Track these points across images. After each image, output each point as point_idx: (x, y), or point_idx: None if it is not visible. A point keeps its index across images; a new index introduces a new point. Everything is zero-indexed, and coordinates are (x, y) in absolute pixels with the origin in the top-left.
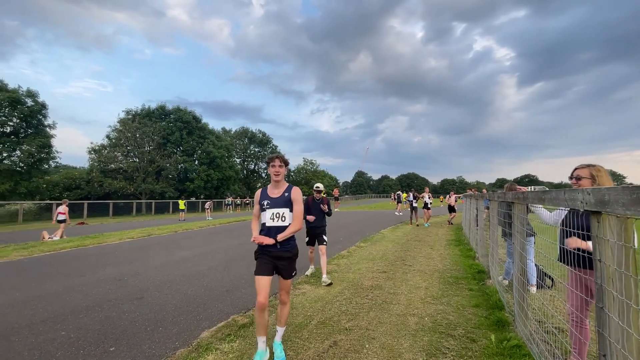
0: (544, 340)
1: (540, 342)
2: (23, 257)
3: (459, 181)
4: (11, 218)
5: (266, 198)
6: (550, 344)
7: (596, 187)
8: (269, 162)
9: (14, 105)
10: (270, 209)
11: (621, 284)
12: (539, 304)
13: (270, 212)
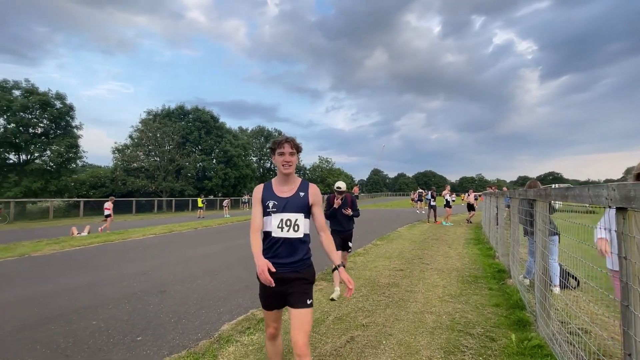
0: (568, 341)
1: (563, 343)
2: (55, 251)
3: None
4: (42, 215)
5: (272, 197)
6: (574, 345)
7: (621, 182)
8: (275, 148)
9: (44, 108)
10: (279, 214)
11: None
12: (562, 305)
13: (278, 217)
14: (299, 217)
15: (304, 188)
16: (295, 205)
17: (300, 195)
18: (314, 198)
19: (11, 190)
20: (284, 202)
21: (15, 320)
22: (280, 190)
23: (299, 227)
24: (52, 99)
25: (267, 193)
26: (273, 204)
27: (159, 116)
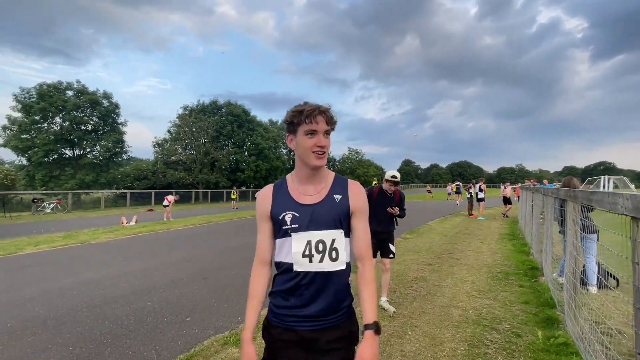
0: (599, 341)
1: (594, 342)
2: (110, 239)
3: (518, 169)
4: (94, 204)
5: (289, 206)
6: (605, 345)
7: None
8: (299, 123)
9: (93, 106)
10: (303, 233)
11: None
12: (598, 304)
13: (302, 239)
14: (336, 235)
15: (341, 187)
16: (329, 217)
17: (336, 200)
18: (358, 203)
19: (68, 183)
20: (310, 211)
21: (85, 299)
22: (303, 192)
23: (338, 252)
24: (100, 98)
25: (280, 199)
26: (292, 217)
27: (194, 111)
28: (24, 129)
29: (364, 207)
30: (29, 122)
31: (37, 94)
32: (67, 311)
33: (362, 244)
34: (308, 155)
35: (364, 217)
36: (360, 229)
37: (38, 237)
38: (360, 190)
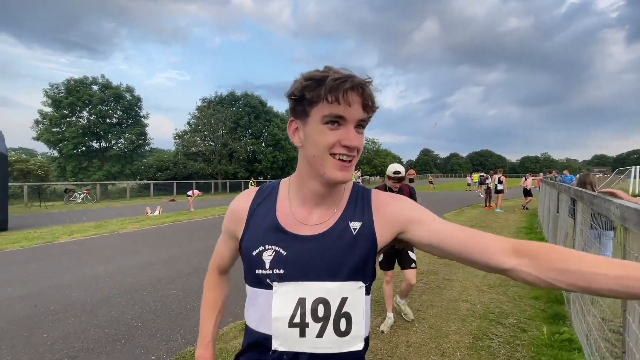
0: (605, 338)
1: (599, 340)
2: (136, 229)
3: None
4: (120, 194)
5: (272, 239)
6: (612, 342)
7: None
8: (314, 101)
9: (117, 100)
10: (292, 284)
11: None
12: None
13: (291, 294)
14: (350, 291)
15: (361, 206)
16: (339, 259)
17: (353, 230)
18: (397, 221)
19: (96, 174)
20: (309, 250)
21: (117, 286)
22: (302, 219)
23: (351, 320)
24: (123, 92)
25: (259, 223)
26: (275, 257)
27: (212, 103)
28: (54, 123)
29: (419, 213)
30: (58, 117)
31: (65, 89)
32: (102, 297)
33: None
34: (324, 161)
35: (432, 219)
36: (449, 226)
37: (72, 226)
38: (398, 199)
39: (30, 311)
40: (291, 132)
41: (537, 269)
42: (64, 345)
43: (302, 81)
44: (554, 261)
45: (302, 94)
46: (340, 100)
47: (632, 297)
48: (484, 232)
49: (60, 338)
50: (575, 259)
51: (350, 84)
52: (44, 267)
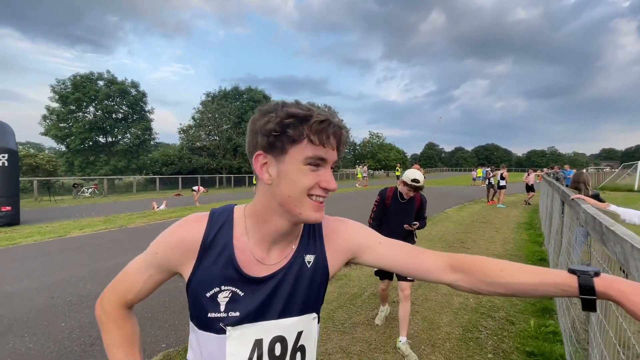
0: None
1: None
2: (144, 223)
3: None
4: (127, 189)
5: (228, 280)
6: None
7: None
8: (295, 139)
9: (122, 95)
10: (248, 326)
11: None
12: None
13: (247, 337)
14: (305, 324)
15: (314, 238)
16: (297, 296)
17: (307, 264)
18: (347, 250)
19: (103, 168)
20: (269, 287)
21: None
22: (261, 258)
23: (305, 352)
24: (128, 87)
25: (212, 262)
26: (232, 299)
27: (217, 97)
28: (61, 119)
29: (366, 239)
30: (65, 112)
31: (72, 84)
32: None
33: (418, 255)
34: (300, 202)
35: (378, 242)
36: (393, 250)
37: (81, 220)
38: (347, 227)
39: (48, 302)
40: (258, 166)
41: (470, 283)
42: (81, 333)
43: (284, 117)
44: (482, 275)
45: (284, 130)
46: (325, 142)
47: (545, 297)
48: (424, 250)
49: (77, 327)
50: (498, 272)
51: (332, 128)
52: (58, 261)
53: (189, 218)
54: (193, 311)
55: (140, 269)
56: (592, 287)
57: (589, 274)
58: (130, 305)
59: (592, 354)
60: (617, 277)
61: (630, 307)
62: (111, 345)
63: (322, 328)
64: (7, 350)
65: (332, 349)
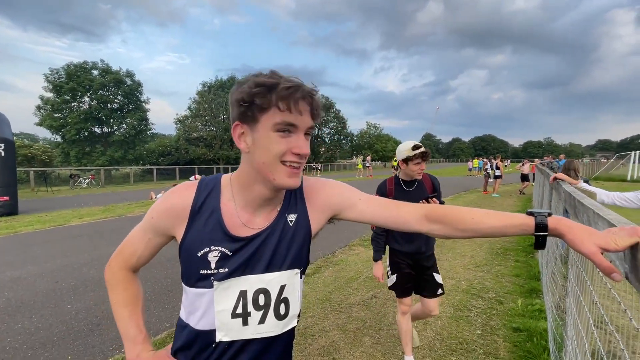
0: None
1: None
2: (143, 213)
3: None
4: (124, 179)
5: (217, 240)
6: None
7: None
8: (264, 107)
9: (118, 85)
10: (233, 280)
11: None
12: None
13: (232, 288)
14: (288, 279)
15: (295, 199)
16: (280, 253)
17: (290, 222)
18: (332, 201)
19: (99, 159)
20: (251, 249)
21: None
22: (247, 221)
23: (289, 304)
24: (123, 77)
25: (202, 225)
26: (221, 258)
27: (213, 87)
28: (56, 109)
29: (347, 196)
30: (60, 102)
31: (66, 74)
32: None
33: (397, 208)
34: (274, 168)
35: (358, 199)
36: (372, 205)
37: (80, 210)
38: (325, 186)
39: (52, 286)
40: (236, 136)
41: (444, 230)
42: (87, 314)
43: (252, 87)
44: (455, 223)
45: (252, 100)
46: (292, 108)
47: (508, 235)
48: (402, 202)
49: (82, 309)
50: (470, 219)
51: (301, 93)
52: (60, 248)
53: (180, 186)
54: (185, 271)
55: (140, 234)
56: (545, 224)
57: (544, 214)
58: (135, 269)
59: (568, 322)
60: (566, 217)
61: (571, 236)
62: (117, 305)
63: (320, 308)
64: (17, 330)
65: (329, 326)
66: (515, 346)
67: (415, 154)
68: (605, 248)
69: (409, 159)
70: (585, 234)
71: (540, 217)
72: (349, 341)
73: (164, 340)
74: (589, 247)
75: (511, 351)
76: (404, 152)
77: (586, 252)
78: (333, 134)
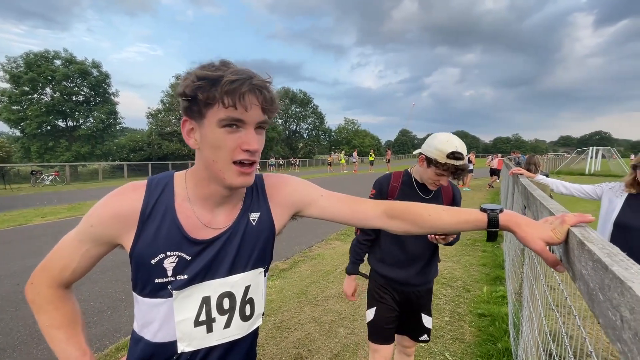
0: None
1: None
2: None
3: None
4: (92, 176)
5: (173, 244)
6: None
7: (524, 181)
8: (208, 102)
9: (83, 76)
10: (194, 287)
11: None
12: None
13: (193, 296)
14: (253, 279)
15: (257, 195)
16: (244, 253)
17: (252, 221)
18: (293, 199)
19: (64, 155)
20: (215, 249)
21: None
22: (207, 222)
23: (254, 304)
24: (89, 68)
25: (155, 229)
26: (178, 264)
27: None
28: (14, 100)
29: (308, 193)
30: (19, 93)
31: (25, 63)
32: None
33: (358, 205)
34: (223, 167)
35: (319, 195)
36: (333, 201)
37: (43, 208)
38: (287, 183)
39: (13, 289)
40: (185, 132)
41: (403, 227)
42: None
43: (195, 80)
44: (413, 220)
45: (195, 94)
46: (237, 104)
47: (463, 231)
48: (362, 199)
49: None
50: (427, 217)
51: (247, 87)
52: (22, 248)
53: (126, 187)
54: (137, 280)
55: (74, 245)
56: (497, 220)
57: (496, 211)
58: (67, 285)
59: (524, 305)
60: (516, 213)
61: (521, 234)
62: (49, 328)
63: (296, 302)
64: None
65: (305, 319)
66: (480, 330)
67: (447, 165)
68: (550, 242)
69: (437, 163)
70: (532, 230)
71: (492, 215)
72: (324, 332)
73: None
74: (537, 244)
75: (476, 335)
76: (436, 152)
77: (535, 248)
78: (311, 130)
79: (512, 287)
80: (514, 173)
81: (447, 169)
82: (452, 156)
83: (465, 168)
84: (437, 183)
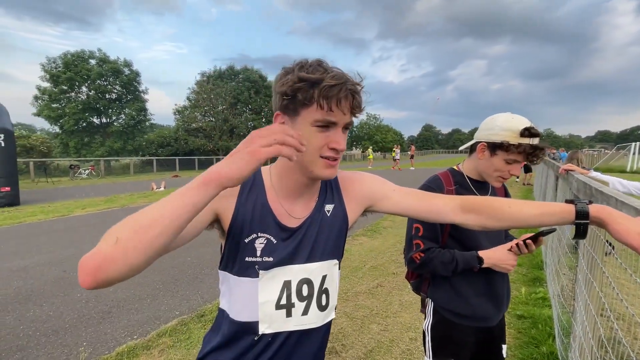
0: (573, 297)
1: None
2: (145, 203)
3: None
4: (124, 170)
5: (266, 227)
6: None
7: (580, 176)
8: (306, 102)
9: (115, 75)
10: (278, 269)
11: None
12: None
13: (277, 278)
14: (329, 269)
15: (331, 189)
16: (320, 242)
17: (327, 212)
18: (366, 192)
19: (99, 150)
20: (298, 237)
21: None
22: (289, 210)
23: (329, 295)
24: (121, 66)
25: (251, 208)
26: (267, 246)
27: (212, 77)
28: (54, 99)
29: (380, 187)
30: (58, 92)
31: (63, 63)
32: None
33: (431, 199)
34: (312, 161)
35: (392, 190)
36: (405, 196)
37: (82, 201)
38: (360, 178)
39: (60, 275)
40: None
41: (480, 220)
42: (97, 302)
43: (296, 81)
44: (491, 213)
45: (295, 94)
46: (333, 107)
47: (546, 225)
48: (435, 194)
49: (92, 297)
50: (507, 209)
51: (344, 93)
52: (65, 237)
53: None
54: (229, 257)
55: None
56: (587, 212)
57: (584, 202)
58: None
59: (577, 308)
60: (607, 206)
61: (616, 227)
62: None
63: None
64: (29, 318)
65: (337, 314)
66: (520, 332)
67: (522, 146)
68: None
69: (508, 146)
70: (630, 224)
71: (581, 205)
72: (357, 328)
73: (175, 328)
74: (635, 239)
75: (515, 337)
76: (504, 133)
77: (632, 244)
78: None
79: (556, 289)
80: (566, 170)
81: (523, 151)
82: (527, 133)
83: (544, 148)
84: (506, 175)
